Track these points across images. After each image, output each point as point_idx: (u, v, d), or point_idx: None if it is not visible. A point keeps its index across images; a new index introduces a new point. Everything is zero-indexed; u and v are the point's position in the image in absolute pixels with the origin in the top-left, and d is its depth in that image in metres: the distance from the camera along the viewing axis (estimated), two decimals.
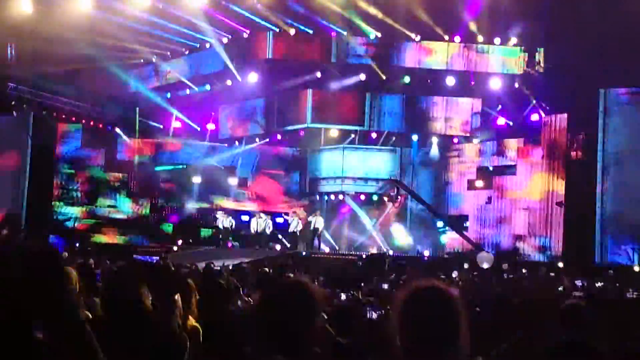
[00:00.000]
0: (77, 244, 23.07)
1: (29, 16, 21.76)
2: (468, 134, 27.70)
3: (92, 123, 27.97)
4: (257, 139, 29.36)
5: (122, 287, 3.43)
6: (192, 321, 4.56)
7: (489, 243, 25.61)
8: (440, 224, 26.74)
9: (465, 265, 18.75)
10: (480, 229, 26.21)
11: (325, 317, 4.71)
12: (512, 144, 25.74)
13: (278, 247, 25.68)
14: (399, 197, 27.70)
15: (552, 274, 16.79)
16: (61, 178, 27.31)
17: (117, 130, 28.51)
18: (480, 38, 25.73)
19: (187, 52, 28.80)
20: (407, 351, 2.49)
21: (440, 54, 27.03)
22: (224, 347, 4.85)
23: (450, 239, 26.45)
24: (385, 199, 27.98)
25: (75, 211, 27.35)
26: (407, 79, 27.02)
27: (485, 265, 7.04)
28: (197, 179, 28.48)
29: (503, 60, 26.53)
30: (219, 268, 14.10)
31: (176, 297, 3.04)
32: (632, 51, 20.45)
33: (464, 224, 26.44)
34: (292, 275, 11.33)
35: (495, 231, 25.85)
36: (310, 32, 26.87)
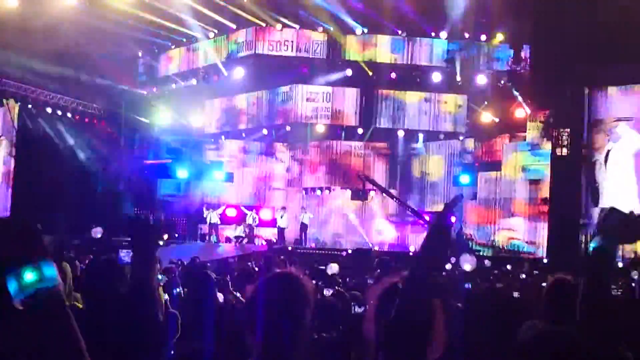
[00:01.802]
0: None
1: (15, 9, 21.61)
2: None
3: (78, 117, 27.88)
4: (243, 134, 29.37)
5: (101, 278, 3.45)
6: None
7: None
8: (426, 218, 26.79)
9: (452, 260, 18.79)
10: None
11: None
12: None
13: (264, 242, 25.70)
14: (370, 192, 27.83)
15: (536, 272, 16.83)
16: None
17: (104, 124, 28.48)
18: (466, 35, 25.78)
19: (173, 47, 28.72)
20: (383, 346, 2.51)
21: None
22: (209, 338, 4.86)
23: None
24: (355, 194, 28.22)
25: None
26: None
27: (468, 268, 7.08)
28: (183, 174, 28.48)
29: None
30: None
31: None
32: (617, 49, 20.56)
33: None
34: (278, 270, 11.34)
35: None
36: (297, 27, 26.83)
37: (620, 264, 19.35)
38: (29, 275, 1.92)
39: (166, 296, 5.57)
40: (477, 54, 26.61)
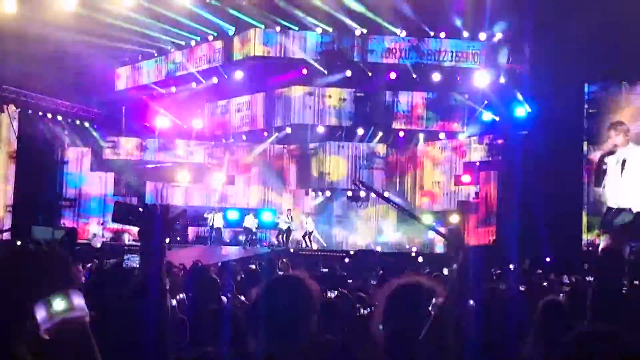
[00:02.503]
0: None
1: (14, 15, 21.59)
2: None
3: (78, 122, 27.93)
4: (243, 136, 29.35)
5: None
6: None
7: None
8: (428, 219, 26.74)
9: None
10: None
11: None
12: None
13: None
14: (366, 197, 27.84)
15: (540, 270, 16.79)
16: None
17: (104, 129, 28.52)
18: (465, 33, 25.72)
19: (172, 50, 28.72)
20: (391, 347, 2.49)
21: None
22: (213, 342, 4.83)
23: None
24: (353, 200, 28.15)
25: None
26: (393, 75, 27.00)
27: None
28: (184, 177, 28.46)
29: None
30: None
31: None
32: (617, 45, 20.52)
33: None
34: (281, 272, 11.31)
35: None
36: (296, 28, 26.80)
37: None
38: (59, 304, 1.88)
39: (174, 302, 5.55)
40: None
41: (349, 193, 28.12)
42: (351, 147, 28.58)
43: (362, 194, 27.62)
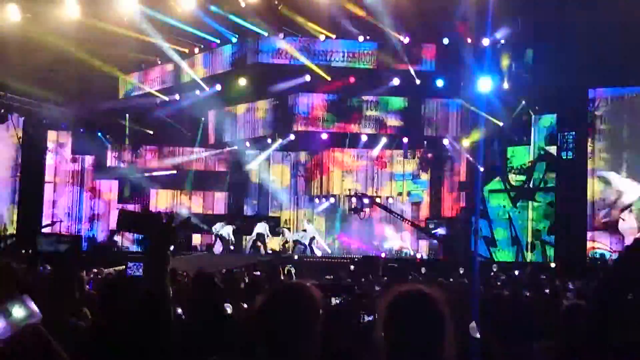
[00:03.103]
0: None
1: (17, 24, 21.66)
2: None
3: (81, 130, 27.98)
4: (247, 143, 29.35)
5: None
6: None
7: None
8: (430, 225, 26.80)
9: (461, 270, 18.66)
10: None
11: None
12: None
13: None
14: (364, 209, 27.83)
15: (544, 276, 16.74)
16: None
17: (107, 136, 28.58)
18: (468, 39, 25.66)
19: (175, 58, 28.77)
20: (393, 355, 2.48)
21: None
22: (216, 351, 4.82)
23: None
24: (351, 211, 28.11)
25: None
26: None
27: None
28: (188, 185, 28.54)
29: None
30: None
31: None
32: (620, 50, 20.52)
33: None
34: (284, 279, 11.30)
35: None
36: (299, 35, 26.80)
37: None
38: (18, 311, 1.84)
39: (178, 310, 5.55)
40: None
41: (350, 204, 28.11)
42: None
43: (366, 201, 27.61)
